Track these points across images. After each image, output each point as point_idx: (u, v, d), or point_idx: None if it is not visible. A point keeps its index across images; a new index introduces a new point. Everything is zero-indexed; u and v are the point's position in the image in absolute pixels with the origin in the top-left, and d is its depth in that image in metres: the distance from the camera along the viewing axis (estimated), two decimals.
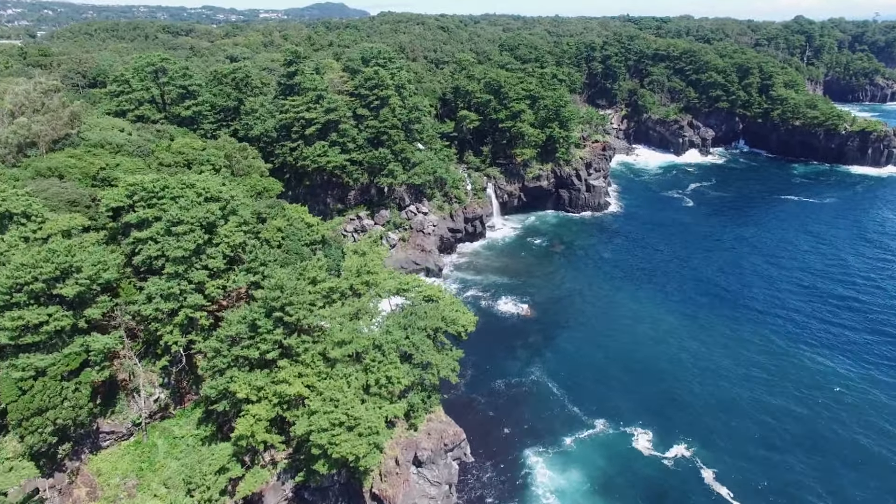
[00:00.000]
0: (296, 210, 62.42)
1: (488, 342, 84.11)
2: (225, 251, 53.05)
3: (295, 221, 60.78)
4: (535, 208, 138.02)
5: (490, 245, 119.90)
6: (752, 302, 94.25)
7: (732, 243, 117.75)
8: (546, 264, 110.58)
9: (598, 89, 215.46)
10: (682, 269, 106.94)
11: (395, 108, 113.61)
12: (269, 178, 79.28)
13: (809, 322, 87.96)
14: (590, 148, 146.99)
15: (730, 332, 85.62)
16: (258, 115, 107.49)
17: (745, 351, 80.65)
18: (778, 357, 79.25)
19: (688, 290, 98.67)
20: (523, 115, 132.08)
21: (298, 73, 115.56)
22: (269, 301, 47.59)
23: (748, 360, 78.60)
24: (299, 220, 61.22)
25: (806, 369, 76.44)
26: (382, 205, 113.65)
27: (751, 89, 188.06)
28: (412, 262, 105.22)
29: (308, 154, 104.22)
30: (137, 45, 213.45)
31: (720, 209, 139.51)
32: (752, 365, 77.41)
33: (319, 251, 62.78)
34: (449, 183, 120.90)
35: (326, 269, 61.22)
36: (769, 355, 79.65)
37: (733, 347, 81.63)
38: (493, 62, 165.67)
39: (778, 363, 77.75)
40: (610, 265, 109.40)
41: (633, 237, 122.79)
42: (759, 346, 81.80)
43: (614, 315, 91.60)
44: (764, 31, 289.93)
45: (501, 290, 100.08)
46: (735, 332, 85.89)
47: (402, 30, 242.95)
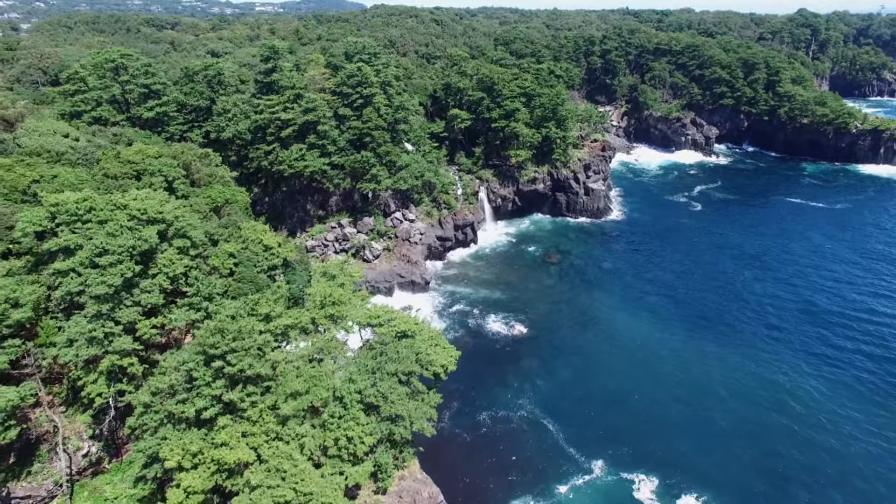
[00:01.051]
0: (253, 230, 54.80)
1: (475, 366, 76.84)
2: (163, 284, 45.47)
3: (251, 244, 53.20)
4: (530, 212, 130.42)
5: (481, 254, 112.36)
6: (766, 326, 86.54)
7: (741, 255, 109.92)
8: (541, 276, 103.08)
9: (597, 85, 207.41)
10: (687, 283, 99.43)
11: (380, 107, 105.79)
12: (232, 188, 71.60)
13: (833, 353, 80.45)
14: (588, 148, 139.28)
15: (742, 361, 78.13)
16: (231, 116, 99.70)
17: (762, 388, 73.07)
18: (802, 396, 71.90)
19: (695, 309, 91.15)
20: (518, 114, 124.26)
21: (276, 70, 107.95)
22: (208, 348, 40.07)
23: (765, 397, 71.12)
24: (257, 241, 53.65)
25: (844, 414, 68.97)
26: (366, 211, 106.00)
27: (757, 85, 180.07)
28: (397, 275, 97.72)
29: (284, 158, 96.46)
30: (117, 39, 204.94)
31: (726, 214, 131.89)
32: (771, 405, 69.95)
33: (281, 277, 55.26)
34: (438, 187, 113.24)
35: (289, 298, 53.75)
36: (789, 393, 72.28)
37: (747, 381, 74.12)
38: (487, 58, 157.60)
39: (803, 405, 70.00)
40: (610, 278, 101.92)
41: (634, 245, 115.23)
42: (774, 380, 74.37)
43: (615, 336, 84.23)
44: (768, 24, 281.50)
45: (492, 306, 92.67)
46: (748, 360, 78.39)
47: (393, 23, 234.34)
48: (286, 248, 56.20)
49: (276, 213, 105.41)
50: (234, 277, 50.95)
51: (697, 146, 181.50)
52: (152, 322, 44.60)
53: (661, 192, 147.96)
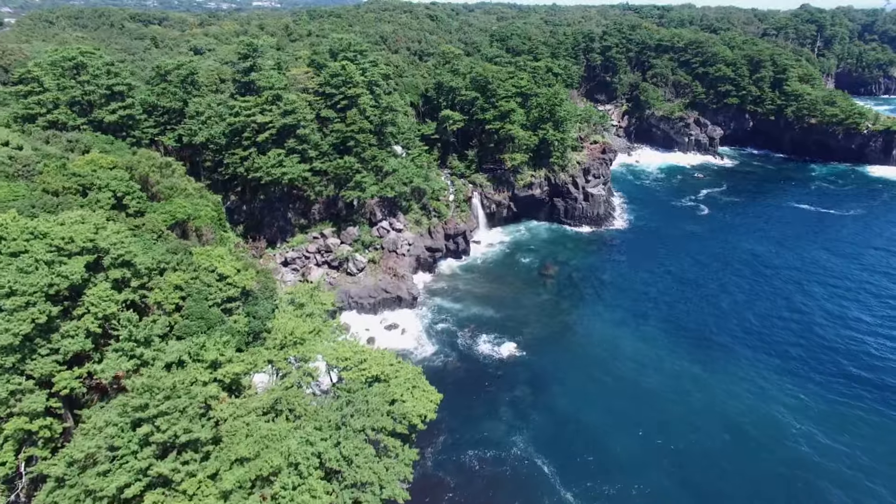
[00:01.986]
0: (207, 256, 48.01)
1: (464, 394, 70.37)
2: (90, 326, 38.72)
3: (203, 273, 46.42)
4: (526, 219, 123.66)
5: (473, 265, 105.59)
6: (783, 346, 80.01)
7: (752, 268, 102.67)
8: (536, 290, 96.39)
9: (597, 83, 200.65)
10: (695, 299, 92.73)
11: (366, 108, 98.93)
12: (196, 202, 64.75)
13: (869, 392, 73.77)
14: (588, 150, 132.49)
15: (761, 389, 71.64)
16: (204, 119, 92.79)
17: (793, 419, 66.54)
18: (828, 430, 65.40)
19: (704, 330, 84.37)
20: (513, 115, 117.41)
21: (255, 69, 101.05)
22: (133, 410, 33.39)
23: (791, 432, 64.54)
24: (210, 270, 46.87)
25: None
26: (350, 220, 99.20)
27: (763, 84, 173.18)
28: (382, 290, 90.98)
29: (261, 164, 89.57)
30: (100, 35, 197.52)
31: (734, 222, 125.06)
32: (796, 439, 63.48)
33: (240, 309, 48.49)
34: (428, 194, 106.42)
35: (248, 333, 46.98)
36: (818, 421, 65.81)
37: (768, 412, 67.60)
38: (482, 55, 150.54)
39: (834, 457, 63.31)
40: (611, 292, 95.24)
41: (636, 255, 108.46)
42: (803, 412, 67.84)
43: (617, 360, 77.60)
44: (771, 20, 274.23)
45: (483, 325, 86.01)
46: (768, 386, 71.94)
47: (386, 18, 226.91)
48: (246, 275, 49.40)
49: (254, 222, 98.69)
50: (181, 313, 44.20)
51: (701, 147, 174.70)
52: (76, 373, 37.88)
53: (664, 197, 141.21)
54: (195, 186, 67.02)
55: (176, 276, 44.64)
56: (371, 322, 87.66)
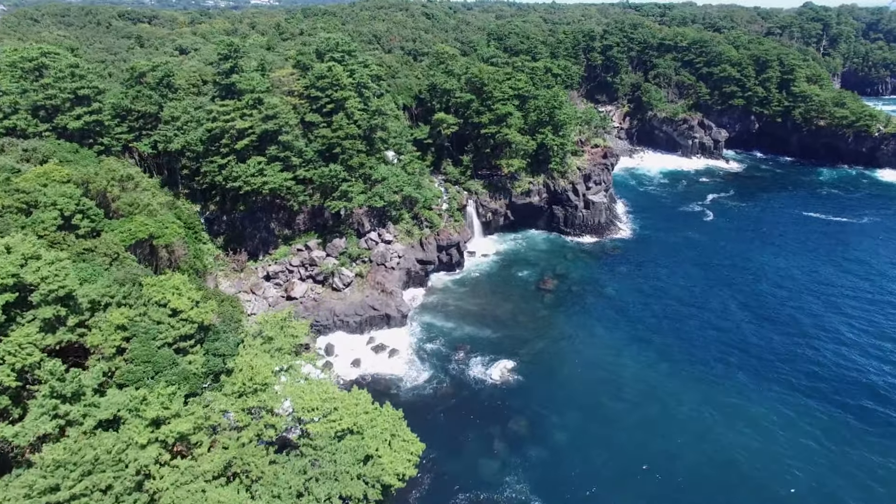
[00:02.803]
0: (159, 288, 42.27)
1: (455, 426, 64.86)
2: (5, 380, 33.01)
3: (152, 308, 40.71)
4: (523, 228, 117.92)
5: (468, 278, 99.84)
6: (798, 376, 74.34)
7: (761, 283, 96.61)
8: (534, 307, 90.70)
9: (598, 83, 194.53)
10: (701, 316, 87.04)
11: (354, 112, 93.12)
12: (161, 219, 58.99)
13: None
14: (589, 155, 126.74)
15: (781, 418, 66.09)
16: (180, 125, 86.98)
17: (821, 458, 61.07)
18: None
19: (711, 351, 78.80)
20: (510, 118, 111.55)
21: (236, 70, 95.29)
22: (38, 495, 27.67)
23: (818, 473, 59.09)
24: (160, 304, 41.15)
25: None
26: (337, 231, 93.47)
27: (769, 85, 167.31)
28: (369, 307, 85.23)
29: (239, 173, 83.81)
30: (85, 34, 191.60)
31: (742, 231, 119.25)
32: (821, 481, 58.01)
33: (198, 347, 42.75)
34: (420, 202, 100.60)
35: (207, 375, 41.22)
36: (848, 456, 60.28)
37: (779, 452, 62.08)
38: (478, 55, 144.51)
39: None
40: (613, 309, 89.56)
41: (640, 268, 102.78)
42: (826, 448, 62.36)
43: (620, 386, 71.94)
44: (776, 18, 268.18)
45: (477, 345, 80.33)
46: (787, 414, 66.40)
47: (381, 17, 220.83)
48: (205, 307, 43.64)
49: (235, 233, 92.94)
50: (124, 356, 38.51)
51: (705, 150, 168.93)
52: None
53: (668, 204, 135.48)
54: (160, 201, 61.26)
55: (119, 313, 38.91)
56: (357, 343, 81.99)
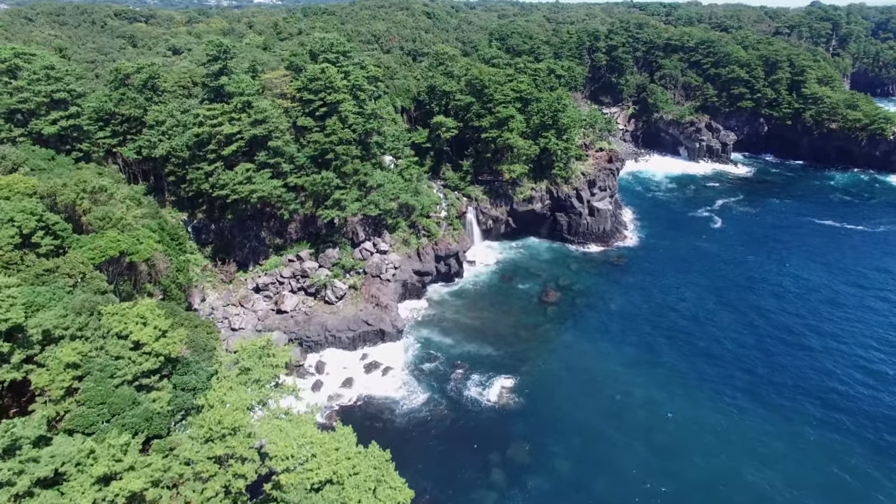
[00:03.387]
0: (121, 318, 38.16)
1: (452, 453, 60.76)
2: None
3: (111, 342, 36.62)
4: (525, 235, 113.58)
5: (467, 290, 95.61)
6: (819, 401, 70.06)
7: (775, 297, 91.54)
8: (536, 321, 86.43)
9: (602, 84, 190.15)
10: (714, 333, 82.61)
11: (348, 116, 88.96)
12: (135, 234, 54.88)
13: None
14: (593, 159, 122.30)
15: (799, 452, 61.78)
16: (164, 129, 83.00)
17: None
18: None
19: (725, 371, 74.39)
20: (512, 122, 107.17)
21: (225, 72, 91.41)
22: None
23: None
24: (121, 336, 37.05)
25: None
26: (330, 241, 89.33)
27: (779, 86, 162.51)
28: (363, 322, 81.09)
29: (227, 181, 79.73)
30: (78, 33, 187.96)
31: (752, 238, 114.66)
32: None
33: (162, 385, 38.63)
34: (417, 210, 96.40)
35: (172, 414, 37.12)
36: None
37: (808, 486, 57.75)
38: (480, 55, 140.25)
39: None
40: (619, 324, 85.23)
41: (647, 279, 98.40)
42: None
43: (628, 408, 67.69)
44: (784, 18, 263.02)
45: (476, 363, 76.12)
46: (806, 449, 62.10)
47: (381, 16, 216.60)
48: (172, 337, 39.51)
49: (223, 242, 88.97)
50: (76, 398, 34.42)
51: (713, 153, 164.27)
52: None
53: (675, 210, 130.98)
54: (136, 214, 57.07)
55: (71, 348, 34.80)
56: (350, 360, 77.85)
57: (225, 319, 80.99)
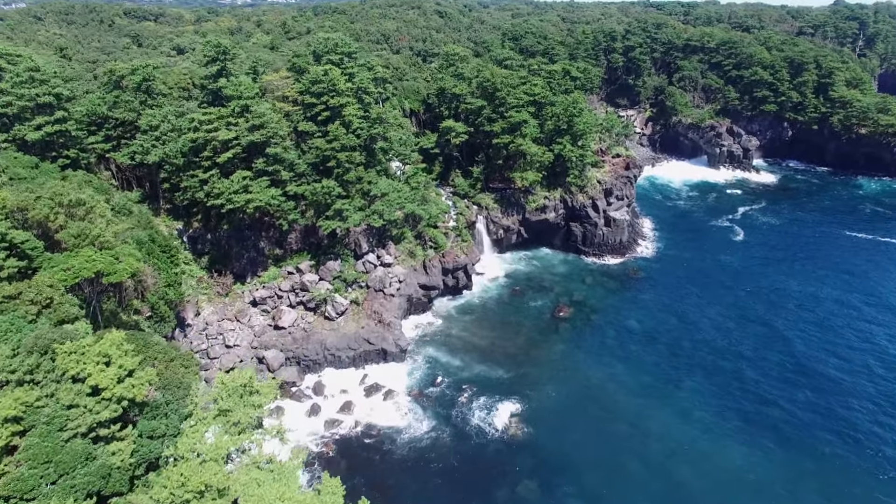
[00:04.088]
0: (78, 358, 33.79)
1: (455, 489, 56.15)
2: None
3: (65, 388, 32.25)
4: (537, 246, 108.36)
5: (475, 305, 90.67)
6: (860, 439, 64.48)
7: (805, 318, 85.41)
8: (548, 340, 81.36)
9: (618, 86, 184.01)
10: (738, 356, 76.98)
11: (352, 121, 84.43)
12: (114, 252, 50.62)
13: None
14: (610, 166, 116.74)
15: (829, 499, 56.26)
16: (158, 134, 78.95)
17: None
18: None
19: (752, 401, 68.79)
20: (525, 127, 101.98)
21: (224, 74, 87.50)
22: None
23: None
24: (76, 380, 32.67)
25: None
26: (332, 253, 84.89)
27: (805, 89, 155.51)
28: (364, 341, 76.49)
29: (222, 189, 75.49)
30: (85, 32, 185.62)
31: (777, 252, 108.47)
32: None
33: (126, 433, 34.21)
34: (425, 220, 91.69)
35: (136, 467, 32.69)
36: None
37: None
38: (492, 56, 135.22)
39: None
40: (637, 345, 79.88)
41: (666, 295, 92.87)
42: None
43: (646, 440, 62.48)
44: (808, 17, 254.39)
45: (483, 387, 71.23)
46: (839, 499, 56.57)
47: (392, 15, 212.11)
48: (139, 377, 35.11)
49: (220, 252, 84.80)
50: (15, 458, 30.06)
51: (734, 159, 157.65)
52: None
53: (695, 219, 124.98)
54: (117, 230, 52.78)
55: (13, 399, 30.43)
56: (350, 381, 73.31)
57: (219, 335, 76.87)
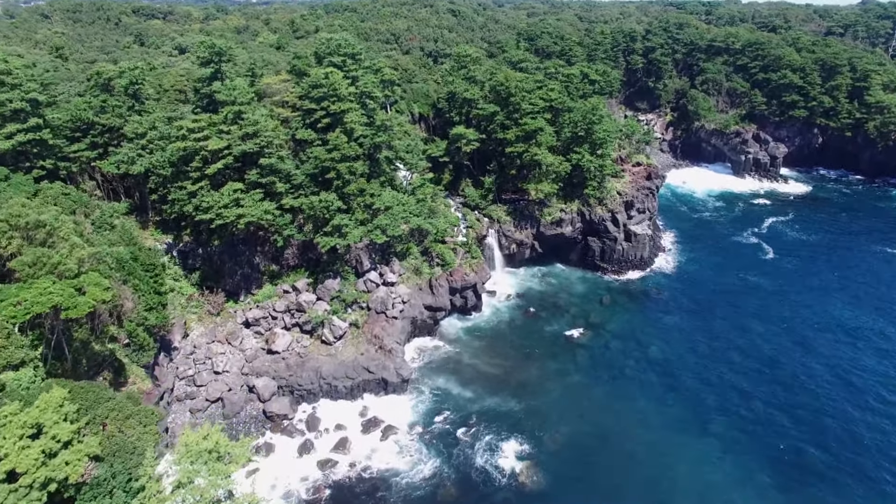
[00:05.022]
0: (2, 427, 27.91)
1: None
2: None
3: None
4: (552, 261, 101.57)
5: (485, 327, 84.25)
6: None
7: (846, 350, 78.32)
8: (563, 367, 74.70)
9: (638, 89, 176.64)
10: (773, 392, 69.84)
11: (354, 128, 78.36)
12: (75, 281, 44.86)
13: None
14: (630, 176, 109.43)
15: None
16: (145, 143, 73.40)
17: None
18: None
19: (789, 444, 61.91)
20: (541, 135, 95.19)
21: (219, 76, 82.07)
22: None
23: None
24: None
25: None
26: (331, 270, 78.82)
27: (838, 93, 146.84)
28: (362, 369, 70.38)
29: (211, 203, 69.74)
30: (90, 31, 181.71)
31: (810, 272, 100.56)
32: None
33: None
34: (432, 235, 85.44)
35: None
36: None
37: None
38: (507, 58, 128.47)
39: None
40: (661, 376, 72.97)
41: (691, 320, 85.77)
42: None
43: (674, 493, 55.71)
44: (837, 16, 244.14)
45: (491, 423, 64.82)
46: None
47: (404, 14, 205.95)
48: (76, 450, 29.18)
49: (213, 268, 79.14)
50: None
51: (760, 167, 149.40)
52: None
53: (720, 233, 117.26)
54: (82, 255, 46.94)
55: None
56: (347, 414, 67.22)
57: (208, 360, 71.32)
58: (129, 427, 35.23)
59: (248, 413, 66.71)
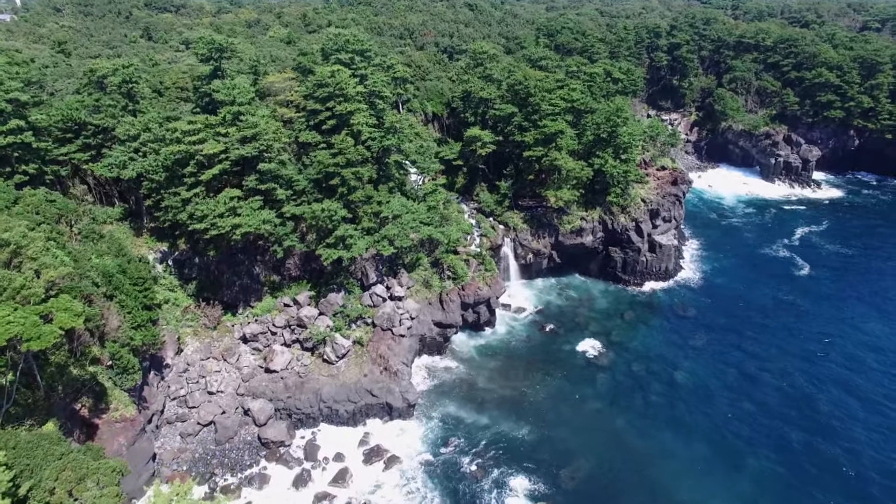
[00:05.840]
0: None
1: None
2: None
3: None
4: (571, 271, 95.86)
5: (498, 345, 78.84)
6: None
7: (887, 375, 72.57)
8: (582, 392, 69.11)
9: (662, 87, 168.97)
10: (813, 425, 63.74)
11: (361, 130, 73.16)
12: (32, 311, 40.17)
13: None
14: (655, 181, 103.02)
15: None
16: (137, 146, 68.93)
17: None
18: None
19: (833, 484, 55.90)
20: (561, 138, 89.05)
21: (219, 74, 77.40)
22: None
23: None
24: None
25: None
26: (334, 283, 73.90)
27: (878, 93, 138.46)
28: (366, 392, 65.41)
29: (205, 212, 65.04)
30: (100, 24, 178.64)
31: (848, 288, 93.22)
32: None
33: None
34: (443, 245, 80.00)
35: None
36: None
37: None
38: (525, 54, 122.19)
39: None
40: (688, 405, 67.03)
41: (719, 339, 79.57)
42: None
43: None
44: (874, 10, 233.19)
45: (505, 455, 59.55)
46: None
47: (419, 7, 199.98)
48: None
49: (210, 278, 74.66)
50: None
51: (791, 171, 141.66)
52: None
53: (749, 243, 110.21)
54: (51, 277, 42.35)
55: None
56: (348, 442, 62.31)
57: (201, 379, 66.95)
58: (82, 490, 30.57)
59: (242, 438, 62.13)
